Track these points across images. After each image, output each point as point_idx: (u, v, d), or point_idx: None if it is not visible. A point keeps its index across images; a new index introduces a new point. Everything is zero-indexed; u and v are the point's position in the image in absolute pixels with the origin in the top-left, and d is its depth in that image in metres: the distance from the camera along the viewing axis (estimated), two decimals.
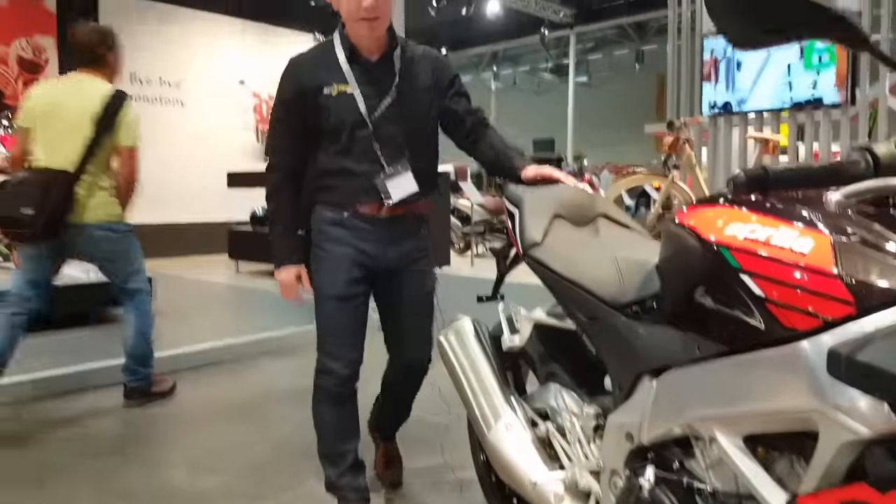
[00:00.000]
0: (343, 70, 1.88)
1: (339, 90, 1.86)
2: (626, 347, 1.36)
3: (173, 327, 4.59)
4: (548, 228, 1.70)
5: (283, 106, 1.93)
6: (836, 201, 0.78)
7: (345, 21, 1.87)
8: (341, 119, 1.88)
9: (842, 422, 0.89)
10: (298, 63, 1.93)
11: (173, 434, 2.89)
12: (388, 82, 1.91)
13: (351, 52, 1.89)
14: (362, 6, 1.78)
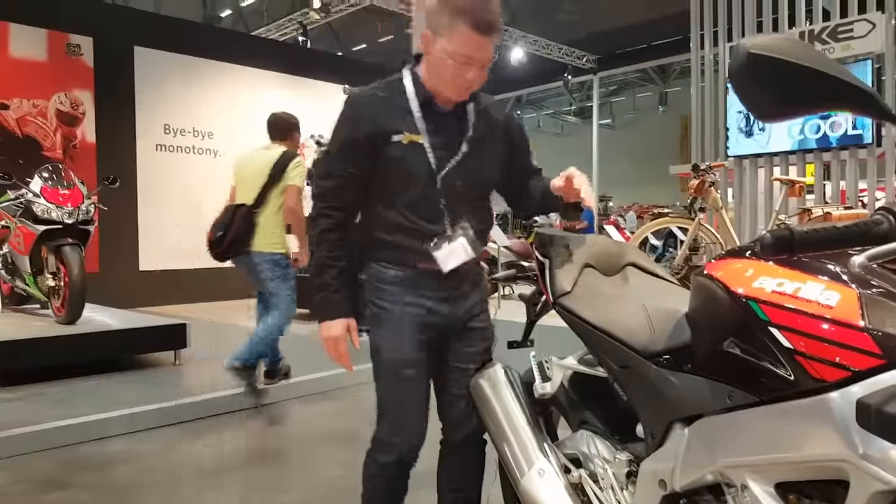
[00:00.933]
0: (415, 118, 1.72)
1: (409, 139, 1.70)
2: (658, 395, 1.39)
3: (204, 373, 4.67)
4: (577, 277, 1.75)
5: (346, 144, 1.73)
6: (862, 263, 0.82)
7: (432, 75, 1.70)
8: (409, 171, 1.72)
9: (872, 472, 0.91)
10: (365, 102, 1.74)
11: (200, 482, 2.93)
12: (461, 135, 1.77)
13: (425, 99, 1.73)
14: (467, 78, 1.65)
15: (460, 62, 1.62)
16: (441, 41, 1.63)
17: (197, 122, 9.15)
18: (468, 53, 1.61)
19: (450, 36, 1.61)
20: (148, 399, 3.80)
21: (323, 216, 1.75)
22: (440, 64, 1.65)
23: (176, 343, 4.85)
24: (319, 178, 1.80)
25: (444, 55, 1.62)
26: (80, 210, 4.88)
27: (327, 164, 1.80)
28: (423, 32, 1.68)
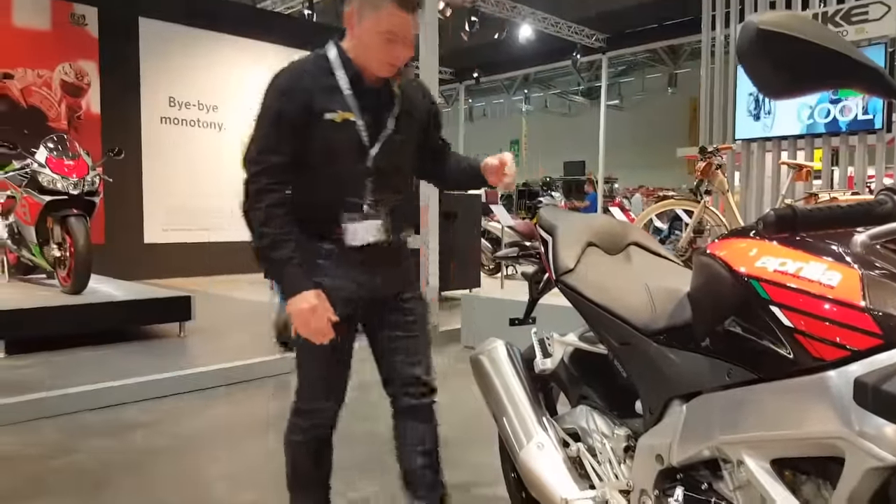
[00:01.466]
0: (345, 95, 1.73)
1: (342, 117, 1.72)
2: (658, 372, 1.41)
3: (211, 345, 4.72)
4: (580, 256, 1.76)
5: (280, 116, 1.70)
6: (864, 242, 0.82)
7: (359, 52, 1.72)
8: (341, 149, 1.74)
9: (867, 449, 0.93)
10: (295, 78, 1.72)
11: (212, 449, 2.98)
12: (388, 112, 1.80)
13: (354, 76, 1.74)
14: (394, 55, 1.68)
15: (386, 38, 1.65)
16: (367, 18, 1.66)
17: (202, 96, 9.13)
18: (393, 30, 1.64)
19: (376, 14, 1.64)
20: (153, 369, 3.84)
21: (269, 191, 1.69)
22: (367, 41, 1.68)
23: (180, 315, 4.89)
24: (260, 152, 1.70)
25: (371, 32, 1.66)
26: (86, 181, 4.89)
27: (265, 139, 1.71)
28: (347, 10, 1.70)
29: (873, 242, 0.82)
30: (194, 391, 3.78)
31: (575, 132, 24.17)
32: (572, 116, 25.96)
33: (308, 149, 1.73)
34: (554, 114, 26.09)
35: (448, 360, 4.68)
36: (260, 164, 1.69)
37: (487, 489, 2.49)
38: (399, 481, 1.96)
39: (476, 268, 7.15)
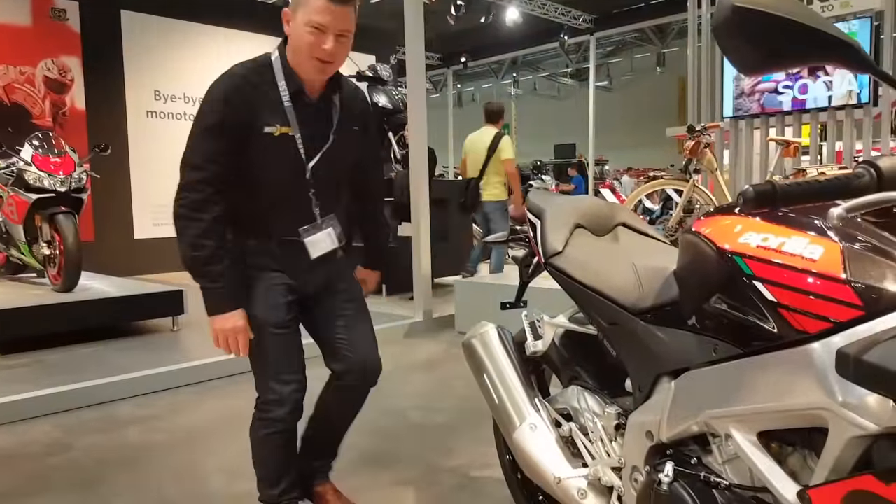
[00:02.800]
0: (286, 108, 1.73)
1: (280, 131, 1.72)
2: (646, 351, 1.42)
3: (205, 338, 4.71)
4: (569, 238, 1.77)
5: (223, 126, 1.68)
6: (840, 214, 0.83)
7: (293, 51, 1.71)
8: (279, 162, 1.75)
9: (850, 418, 0.94)
10: (237, 88, 1.70)
11: (207, 442, 2.99)
12: (327, 126, 1.80)
13: (296, 89, 1.74)
14: (322, 47, 1.65)
15: (316, 30, 1.64)
16: (299, 14, 1.65)
17: (188, 88, 9.05)
18: (322, 21, 1.63)
19: (305, 7, 1.64)
20: (147, 364, 3.85)
21: (212, 203, 1.68)
22: (299, 37, 1.67)
23: (173, 309, 4.89)
24: (205, 160, 1.67)
25: (301, 25, 1.65)
26: (73, 178, 4.86)
27: (204, 147, 1.68)
28: (284, 10, 1.71)
29: (850, 215, 0.83)
30: (190, 385, 3.79)
31: (564, 114, 24.12)
32: (562, 99, 25.89)
33: (247, 160, 1.72)
34: (543, 97, 26.01)
35: (442, 345, 4.70)
36: (202, 172, 1.67)
37: (483, 472, 2.51)
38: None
39: (468, 254, 7.15)
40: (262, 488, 1.98)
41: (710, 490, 1.21)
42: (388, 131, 6.55)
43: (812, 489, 0.98)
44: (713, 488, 1.22)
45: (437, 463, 2.61)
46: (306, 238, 1.83)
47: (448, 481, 2.43)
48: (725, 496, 1.20)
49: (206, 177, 1.67)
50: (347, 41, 1.70)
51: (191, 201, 1.67)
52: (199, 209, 1.67)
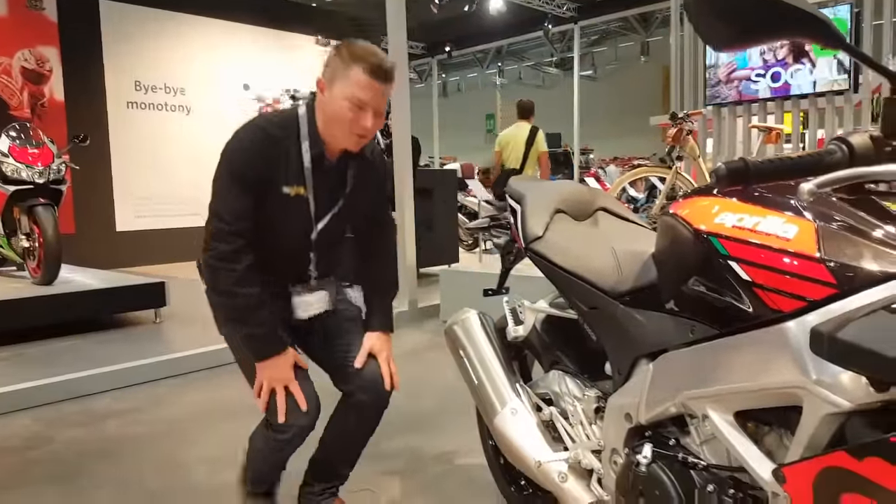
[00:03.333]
0: (305, 170, 1.72)
1: (296, 192, 1.71)
2: (625, 333, 1.42)
3: (188, 329, 4.68)
4: (549, 223, 1.77)
5: (246, 178, 1.66)
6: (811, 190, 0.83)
7: (328, 121, 1.68)
8: (289, 221, 1.74)
9: (824, 396, 0.95)
10: (265, 142, 1.68)
11: (189, 433, 2.97)
12: (340, 190, 1.80)
13: (318, 153, 1.73)
14: (361, 124, 1.64)
15: (356, 106, 1.62)
16: (337, 86, 1.63)
17: (168, 78, 8.94)
18: (364, 98, 1.62)
19: (346, 81, 1.62)
20: (130, 357, 3.81)
21: (240, 252, 1.65)
22: (338, 110, 1.64)
23: (155, 301, 4.84)
24: (236, 216, 1.65)
25: (340, 99, 1.63)
26: (51, 169, 4.79)
27: (232, 200, 1.65)
28: (320, 77, 1.68)
29: (821, 190, 0.83)
30: (173, 377, 3.76)
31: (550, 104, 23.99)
32: (547, 88, 25.86)
33: (263, 214, 1.71)
34: (528, 86, 25.94)
35: (427, 335, 4.70)
36: (232, 226, 1.64)
37: (467, 458, 2.52)
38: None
39: (454, 243, 7.15)
40: (249, 481, 1.95)
41: (687, 470, 1.22)
42: None
43: (786, 467, 0.99)
44: (691, 469, 1.22)
45: (421, 450, 2.61)
46: (296, 298, 1.80)
47: (432, 468, 2.44)
48: (703, 476, 1.20)
49: (236, 230, 1.65)
50: (382, 118, 1.71)
51: (220, 252, 1.64)
52: (230, 259, 1.64)
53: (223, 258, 1.64)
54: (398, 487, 2.32)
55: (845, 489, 0.91)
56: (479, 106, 25.22)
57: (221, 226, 1.64)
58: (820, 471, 0.94)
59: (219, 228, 1.65)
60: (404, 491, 2.31)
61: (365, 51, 1.63)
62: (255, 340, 1.69)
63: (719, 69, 6.64)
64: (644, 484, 1.26)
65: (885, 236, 0.99)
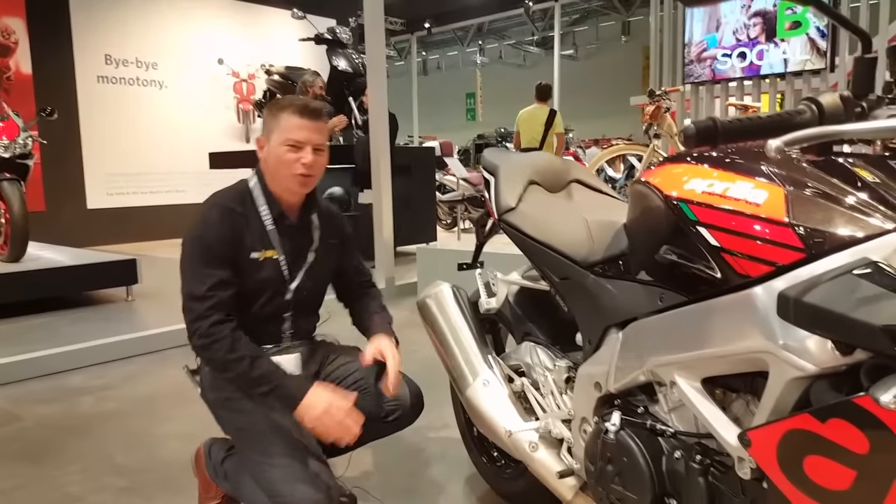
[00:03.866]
0: (269, 233, 1.73)
1: (266, 256, 1.72)
2: (595, 303, 1.42)
3: (160, 307, 4.62)
4: (522, 194, 1.75)
5: (216, 253, 1.65)
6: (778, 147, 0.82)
7: (272, 174, 1.72)
8: (262, 286, 1.72)
9: (790, 360, 0.95)
10: (226, 216, 1.68)
11: (161, 409, 2.94)
12: (307, 247, 1.81)
13: (278, 213, 1.74)
14: (301, 162, 1.67)
15: (294, 147, 1.68)
16: (274, 137, 1.70)
17: (140, 53, 8.74)
18: (299, 138, 1.68)
19: (279, 128, 1.69)
20: (101, 334, 3.75)
21: (224, 321, 1.62)
22: (278, 157, 1.69)
23: (127, 279, 4.77)
24: (207, 289, 1.61)
25: (278, 146, 1.68)
26: (17, 143, 4.67)
27: (206, 275, 1.63)
28: (258, 138, 1.77)
29: (788, 148, 0.82)
30: (145, 354, 3.71)
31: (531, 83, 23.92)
32: (528, 67, 25.76)
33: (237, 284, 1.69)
34: (509, 65, 25.84)
35: (404, 312, 4.68)
36: (209, 301, 1.61)
37: (441, 433, 2.52)
38: None
39: (432, 222, 7.12)
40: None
41: (655, 437, 1.22)
42: (349, 96, 6.43)
43: (751, 431, 0.99)
44: (658, 436, 1.23)
45: None
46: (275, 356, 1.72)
47: (407, 442, 2.43)
48: (670, 443, 1.21)
49: (214, 304, 1.62)
50: (324, 154, 1.74)
51: (202, 330, 1.61)
52: (213, 333, 1.60)
53: (206, 335, 1.61)
54: (370, 460, 2.32)
55: (809, 451, 0.92)
56: (460, 85, 25.07)
57: (195, 305, 1.62)
58: (784, 434, 0.94)
59: (192, 308, 1.62)
60: (377, 464, 2.30)
61: (290, 99, 1.73)
62: (278, 391, 1.61)
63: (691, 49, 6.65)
64: (612, 451, 1.26)
65: (853, 201, 0.98)
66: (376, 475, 2.23)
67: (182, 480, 2.18)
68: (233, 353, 1.60)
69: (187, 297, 1.64)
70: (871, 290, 0.87)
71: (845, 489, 0.89)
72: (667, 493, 1.21)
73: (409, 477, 2.22)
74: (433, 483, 2.17)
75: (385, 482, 2.18)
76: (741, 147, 1.16)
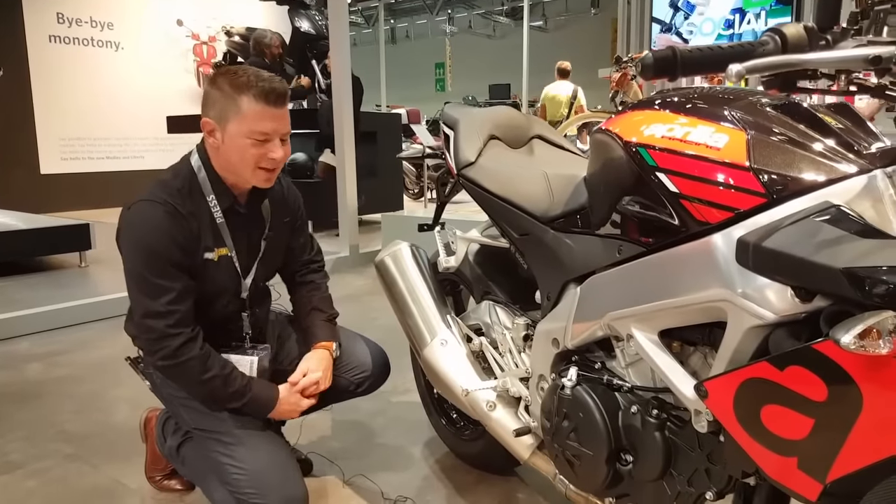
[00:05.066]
0: (221, 228, 1.55)
1: (219, 254, 1.55)
2: (554, 258, 1.38)
3: (114, 273, 4.48)
4: (482, 149, 1.70)
5: (160, 259, 1.46)
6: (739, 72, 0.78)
7: (230, 165, 1.51)
8: (219, 286, 1.58)
9: (749, 308, 0.92)
10: (169, 212, 1.47)
11: (112, 375, 2.84)
12: (259, 235, 1.65)
13: (229, 205, 1.56)
14: (270, 157, 1.47)
15: (259, 141, 1.46)
16: (231, 125, 1.45)
17: (95, 12, 8.39)
18: (266, 130, 1.45)
19: (239, 116, 1.44)
20: (54, 300, 3.62)
21: (192, 340, 1.49)
22: (239, 149, 1.46)
23: (79, 244, 4.61)
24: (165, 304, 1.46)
25: (239, 137, 1.45)
26: None
27: (160, 289, 1.46)
28: (204, 120, 1.49)
29: (749, 74, 0.78)
30: (98, 320, 3.60)
31: (500, 54, 23.80)
32: (497, 38, 25.51)
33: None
34: (479, 35, 25.54)
35: (368, 280, 4.62)
36: (171, 316, 1.46)
37: (402, 397, 2.49)
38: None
39: (398, 190, 7.03)
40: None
41: (611, 392, 1.20)
42: (312, 59, 6.26)
43: (708, 381, 0.96)
44: (615, 391, 1.20)
45: None
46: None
47: (366, 408, 2.39)
48: (627, 398, 1.18)
49: (177, 320, 1.47)
50: (288, 142, 1.54)
51: (169, 351, 1.46)
52: (180, 354, 1.47)
53: (173, 356, 1.47)
54: (327, 425, 2.27)
55: (766, 401, 0.89)
56: (429, 54, 24.74)
57: (155, 323, 1.46)
58: (741, 383, 0.91)
59: (152, 327, 1.46)
60: (334, 429, 2.26)
61: (248, 77, 1.44)
62: (250, 404, 1.55)
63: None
64: (568, 407, 1.23)
65: (815, 146, 0.95)
66: (333, 440, 2.19)
67: (130, 447, 2.11)
68: (205, 374, 1.48)
69: (143, 314, 1.46)
70: (832, 234, 0.84)
71: (802, 438, 0.87)
72: (623, 448, 1.19)
73: (367, 441, 2.18)
74: (391, 447, 2.13)
75: (343, 447, 2.14)
76: (705, 92, 1.12)
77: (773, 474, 0.91)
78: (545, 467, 1.46)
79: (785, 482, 0.90)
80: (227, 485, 1.53)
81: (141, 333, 1.50)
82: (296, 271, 1.84)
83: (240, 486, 1.50)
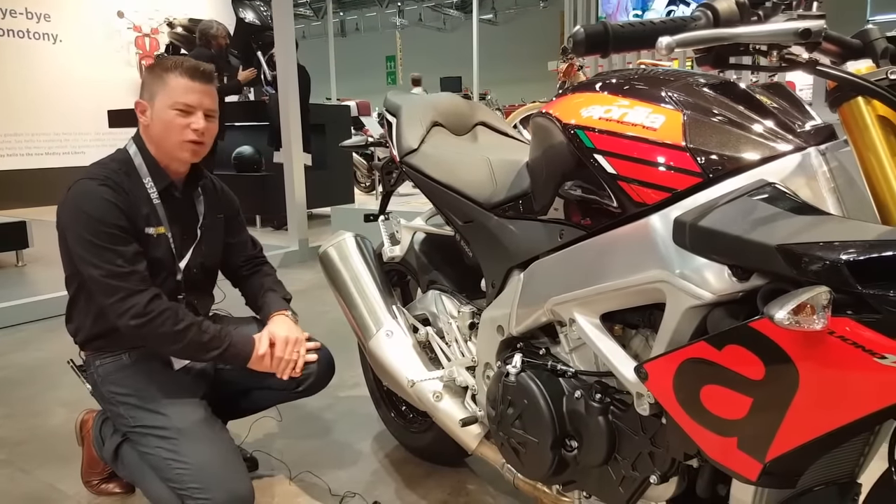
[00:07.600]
0: (157, 207, 1.59)
1: (158, 231, 1.58)
2: (498, 245, 1.36)
3: (53, 272, 4.30)
4: (425, 136, 1.67)
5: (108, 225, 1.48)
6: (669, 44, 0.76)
7: (159, 140, 1.57)
8: (156, 265, 1.58)
9: (686, 288, 0.91)
10: (110, 186, 1.52)
11: (48, 378, 2.73)
12: (194, 223, 1.68)
13: (164, 186, 1.60)
14: (192, 128, 1.54)
15: (183, 112, 1.55)
16: (159, 99, 1.55)
17: (30, 3, 8.04)
18: (189, 101, 1.54)
19: (165, 90, 1.54)
20: None
21: (156, 297, 1.50)
22: (166, 122, 1.55)
23: (16, 243, 4.42)
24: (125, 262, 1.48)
25: (165, 110, 1.54)
26: None
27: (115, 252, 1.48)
28: (137, 102, 1.60)
29: (679, 48, 0.77)
30: (35, 321, 3.45)
31: (451, 47, 23.78)
32: (448, 31, 25.49)
33: None
34: (429, 28, 25.47)
35: (318, 274, 4.55)
36: (134, 276, 1.48)
37: (351, 391, 2.45)
38: None
39: (348, 183, 6.95)
40: None
41: (555, 378, 1.19)
42: (257, 50, 6.12)
43: (648, 363, 0.95)
44: (559, 376, 1.19)
45: None
46: None
47: (314, 404, 2.34)
48: (571, 383, 1.17)
49: (141, 278, 1.50)
50: (215, 121, 1.61)
51: (140, 308, 1.47)
52: (151, 310, 1.47)
53: (145, 313, 1.47)
54: (273, 423, 2.22)
55: (705, 381, 0.89)
56: (379, 47, 24.54)
57: (119, 283, 1.47)
58: (680, 364, 0.91)
59: (118, 287, 1.47)
60: (281, 426, 2.21)
61: (176, 59, 1.58)
62: (230, 350, 1.55)
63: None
64: (512, 394, 1.21)
65: (751, 125, 0.96)
66: (280, 437, 2.14)
67: (66, 450, 2.02)
68: (181, 324, 1.50)
69: (105, 275, 1.46)
70: (767, 211, 0.84)
71: (741, 418, 0.87)
72: (568, 434, 1.17)
73: (314, 437, 2.14)
74: (340, 442, 2.10)
75: (290, 444, 2.09)
76: (644, 73, 1.12)
77: (714, 455, 0.91)
78: (493, 457, 1.44)
79: (725, 463, 0.90)
80: (169, 481, 1.51)
81: (107, 297, 1.48)
82: (240, 266, 1.85)
83: (183, 482, 1.48)
